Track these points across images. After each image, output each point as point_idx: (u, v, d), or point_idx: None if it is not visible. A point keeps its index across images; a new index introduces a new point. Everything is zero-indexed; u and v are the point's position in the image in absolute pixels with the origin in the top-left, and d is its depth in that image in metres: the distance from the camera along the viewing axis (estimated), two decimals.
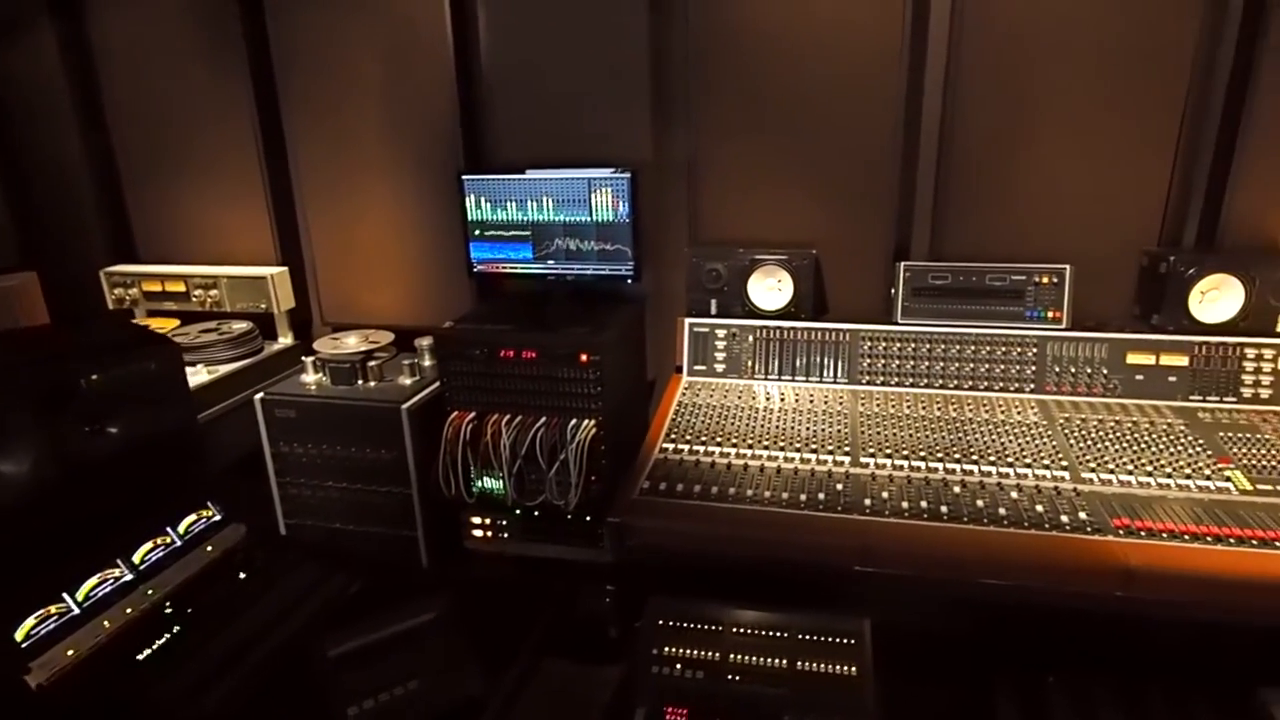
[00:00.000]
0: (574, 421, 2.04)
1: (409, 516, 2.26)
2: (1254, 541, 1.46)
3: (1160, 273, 2.05)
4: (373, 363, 2.32)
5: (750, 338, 2.21)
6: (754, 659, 1.48)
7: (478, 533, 2.28)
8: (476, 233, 2.30)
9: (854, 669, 1.42)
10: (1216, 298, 2.00)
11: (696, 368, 2.24)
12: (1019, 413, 1.98)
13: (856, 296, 2.36)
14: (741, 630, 1.54)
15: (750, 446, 1.87)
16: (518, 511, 2.18)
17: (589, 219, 2.22)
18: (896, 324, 2.16)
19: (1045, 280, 2.10)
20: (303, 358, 2.38)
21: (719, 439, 1.91)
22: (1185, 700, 1.83)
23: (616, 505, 1.63)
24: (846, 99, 2.25)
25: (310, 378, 2.34)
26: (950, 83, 2.21)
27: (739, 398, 2.11)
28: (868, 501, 1.62)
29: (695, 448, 1.88)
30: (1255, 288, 1.97)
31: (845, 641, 1.48)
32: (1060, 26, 2.11)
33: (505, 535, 2.25)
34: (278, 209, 2.67)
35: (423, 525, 2.27)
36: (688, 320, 2.25)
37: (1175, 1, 2.04)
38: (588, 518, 2.17)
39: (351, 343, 2.46)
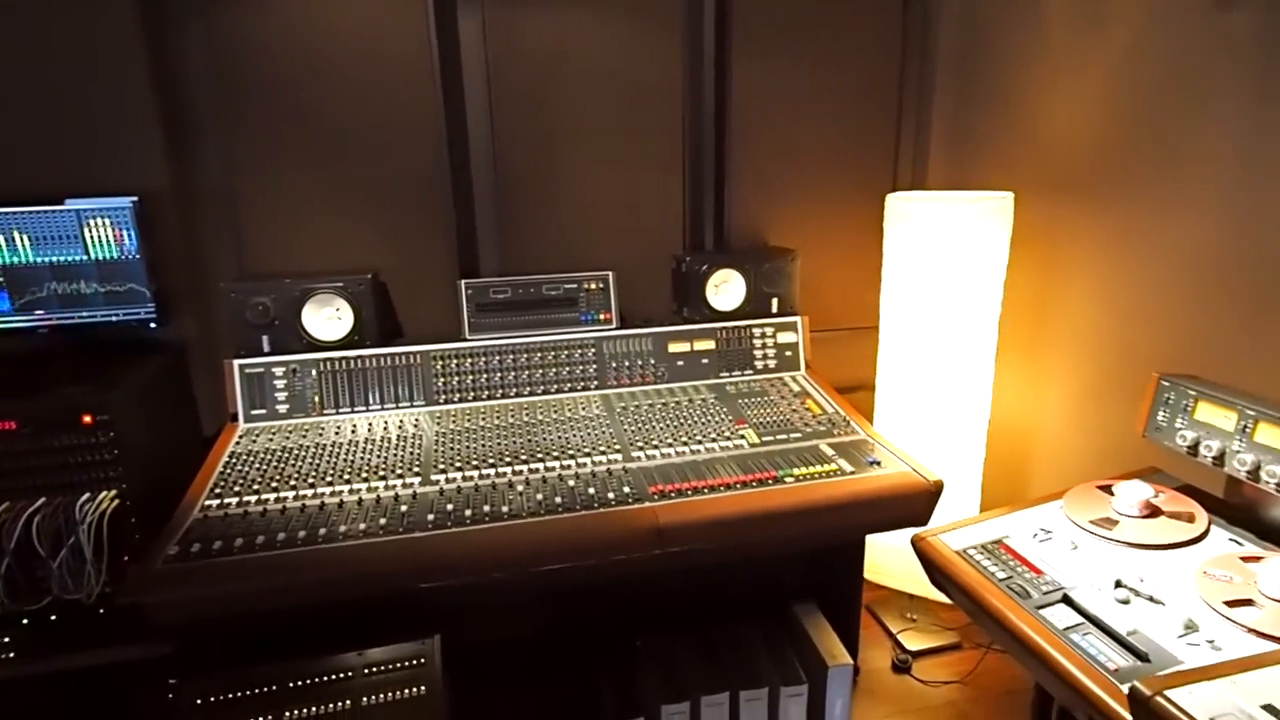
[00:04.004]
0: (86, 496, 1.69)
1: None
2: (754, 484, 1.73)
3: (682, 272, 2.38)
4: None
5: (313, 372, 2.06)
6: (314, 709, 1.34)
7: None
8: None
9: (423, 689, 1.37)
10: (727, 290, 2.38)
11: (255, 412, 2.02)
12: (584, 409, 2.13)
13: (433, 318, 2.35)
14: (300, 683, 1.39)
15: (313, 485, 1.73)
16: (24, 620, 1.74)
17: (85, 257, 1.87)
18: (466, 340, 2.19)
19: (593, 286, 2.30)
20: None
21: (276, 484, 1.73)
22: (741, 631, 2.13)
23: (129, 584, 1.37)
24: (390, 125, 2.26)
25: None
26: (492, 109, 2.33)
27: (304, 437, 1.94)
28: (430, 518, 1.59)
29: (247, 498, 1.68)
30: (753, 279, 2.38)
31: (414, 663, 1.42)
32: (578, 60, 2.36)
33: (12, 654, 1.78)
34: None
35: None
36: (237, 362, 2.02)
37: (662, 42, 2.41)
38: None
39: None
